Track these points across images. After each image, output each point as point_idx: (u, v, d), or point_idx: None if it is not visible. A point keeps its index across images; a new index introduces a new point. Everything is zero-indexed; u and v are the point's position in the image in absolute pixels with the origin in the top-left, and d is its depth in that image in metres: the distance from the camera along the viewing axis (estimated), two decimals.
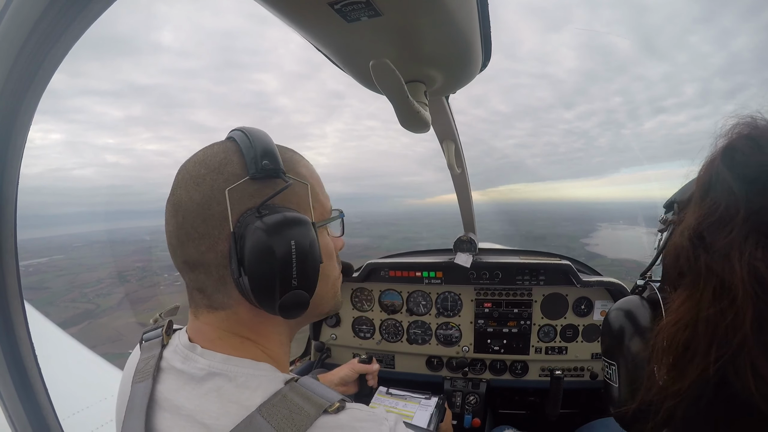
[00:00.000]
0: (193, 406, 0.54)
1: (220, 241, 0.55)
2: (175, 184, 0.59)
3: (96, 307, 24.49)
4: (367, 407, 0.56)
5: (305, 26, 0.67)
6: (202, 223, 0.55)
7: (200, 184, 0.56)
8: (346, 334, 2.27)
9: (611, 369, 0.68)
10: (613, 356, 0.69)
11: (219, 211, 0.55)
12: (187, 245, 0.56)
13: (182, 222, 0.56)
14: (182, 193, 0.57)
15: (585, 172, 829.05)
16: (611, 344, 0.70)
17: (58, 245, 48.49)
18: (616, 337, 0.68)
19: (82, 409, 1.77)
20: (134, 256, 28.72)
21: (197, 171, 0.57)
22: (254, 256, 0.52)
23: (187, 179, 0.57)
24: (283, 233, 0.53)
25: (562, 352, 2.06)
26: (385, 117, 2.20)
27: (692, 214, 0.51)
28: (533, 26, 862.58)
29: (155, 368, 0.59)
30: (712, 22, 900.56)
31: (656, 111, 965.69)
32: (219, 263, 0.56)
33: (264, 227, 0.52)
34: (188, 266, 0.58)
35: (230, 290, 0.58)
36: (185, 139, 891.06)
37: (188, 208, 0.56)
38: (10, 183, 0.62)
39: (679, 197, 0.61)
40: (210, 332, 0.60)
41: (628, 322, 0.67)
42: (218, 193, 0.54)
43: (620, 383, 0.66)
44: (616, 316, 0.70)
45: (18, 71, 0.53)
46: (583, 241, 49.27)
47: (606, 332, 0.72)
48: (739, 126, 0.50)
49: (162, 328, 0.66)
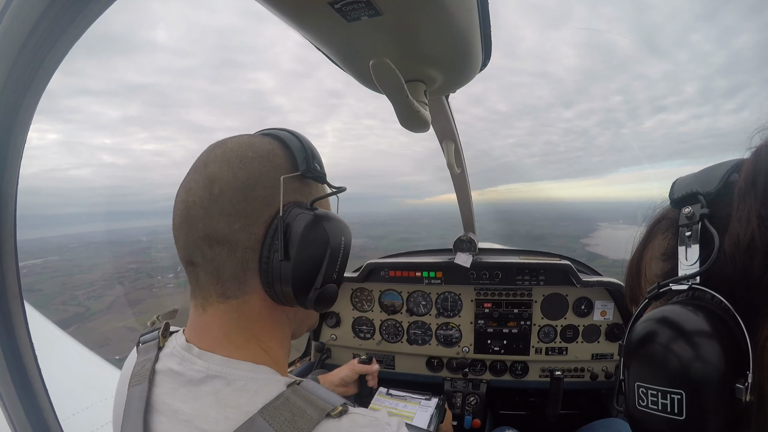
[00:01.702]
0: (191, 411, 0.53)
1: (257, 225, 0.56)
2: (207, 158, 0.58)
3: (86, 310, 24.09)
4: (370, 411, 0.55)
5: (305, 25, 0.67)
6: (242, 202, 0.55)
7: (247, 165, 0.56)
8: (346, 335, 2.27)
9: (669, 398, 0.49)
10: (677, 383, 0.49)
11: (263, 195, 0.56)
12: (218, 218, 0.55)
13: (218, 195, 0.55)
14: (222, 167, 0.56)
15: (584, 172, 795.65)
16: (673, 368, 0.50)
17: (54, 246, 48.27)
18: (683, 359, 0.49)
19: (82, 409, 1.77)
20: (129, 257, 28.41)
21: (243, 152, 0.57)
22: (306, 243, 0.55)
23: (231, 157, 0.57)
24: (337, 229, 0.59)
25: (563, 352, 2.06)
26: (384, 116, 2.19)
27: (752, 202, 0.44)
28: (533, 23, 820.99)
29: (151, 371, 0.59)
30: (715, 19, 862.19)
31: (656, 110, 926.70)
32: (248, 245, 0.56)
33: (321, 219, 0.57)
34: (210, 241, 0.55)
35: (248, 277, 0.57)
36: (182, 139, 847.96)
37: (229, 183, 0.55)
38: (9, 184, 0.62)
39: (700, 188, 0.53)
40: (217, 328, 0.59)
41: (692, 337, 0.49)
42: (265, 178, 0.56)
43: (690, 416, 0.48)
44: (668, 333, 0.50)
45: (18, 71, 0.53)
46: (583, 241, 49.23)
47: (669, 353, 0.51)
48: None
49: (159, 330, 0.65)
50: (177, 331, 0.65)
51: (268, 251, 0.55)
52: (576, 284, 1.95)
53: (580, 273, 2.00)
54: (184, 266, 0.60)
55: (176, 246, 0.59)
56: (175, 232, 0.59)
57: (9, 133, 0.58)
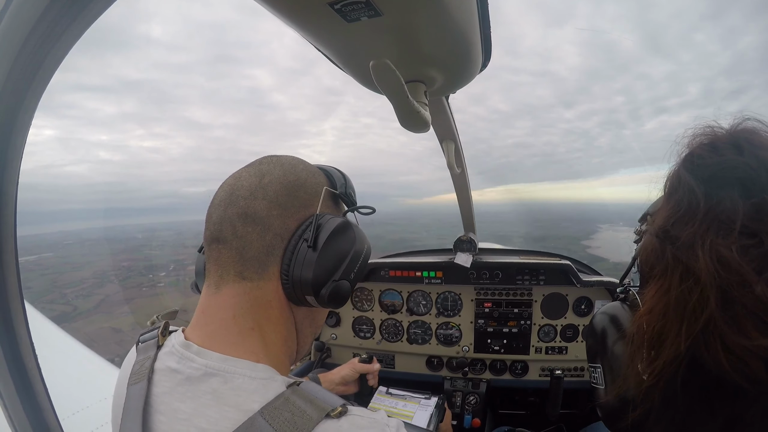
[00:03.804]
0: (190, 410, 0.53)
1: (292, 219, 0.62)
2: (262, 160, 0.67)
3: (72, 310, 23.42)
4: (369, 412, 0.55)
5: (305, 26, 0.67)
6: (285, 196, 0.62)
7: (295, 173, 0.65)
8: (347, 334, 2.27)
9: (597, 372, 0.72)
10: (598, 359, 0.72)
11: (304, 198, 0.64)
12: (260, 201, 0.61)
13: (266, 184, 0.62)
14: (275, 168, 0.64)
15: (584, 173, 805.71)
16: (595, 348, 0.73)
17: (50, 242, 47.96)
18: (600, 341, 0.72)
19: (82, 409, 1.76)
20: (122, 254, 27.95)
21: (295, 163, 0.67)
22: (334, 238, 0.62)
23: (284, 162, 0.66)
24: (362, 237, 0.68)
25: (563, 352, 2.06)
26: (383, 114, 2.19)
27: (659, 217, 0.57)
28: (535, 20, 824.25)
29: (150, 370, 0.59)
30: (720, 19, 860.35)
31: (658, 111, 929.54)
32: (278, 232, 0.61)
33: (351, 224, 0.67)
34: (245, 218, 0.60)
35: (270, 262, 0.61)
36: (179, 137, 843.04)
37: (278, 179, 0.63)
38: (10, 183, 0.62)
39: (651, 210, 0.66)
40: (226, 309, 0.60)
41: (612, 325, 0.70)
42: (309, 186, 0.65)
43: (606, 385, 0.68)
44: (599, 321, 0.74)
45: (18, 71, 0.53)
46: (584, 243, 49.11)
47: (590, 337, 0.76)
48: (699, 136, 0.58)
49: (158, 329, 0.65)
50: (176, 330, 0.65)
51: (296, 241, 0.61)
52: (576, 284, 1.95)
53: (580, 273, 2.00)
54: (206, 246, 0.63)
55: (207, 224, 0.63)
56: (211, 210, 0.63)
57: (9, 132, 0.58)
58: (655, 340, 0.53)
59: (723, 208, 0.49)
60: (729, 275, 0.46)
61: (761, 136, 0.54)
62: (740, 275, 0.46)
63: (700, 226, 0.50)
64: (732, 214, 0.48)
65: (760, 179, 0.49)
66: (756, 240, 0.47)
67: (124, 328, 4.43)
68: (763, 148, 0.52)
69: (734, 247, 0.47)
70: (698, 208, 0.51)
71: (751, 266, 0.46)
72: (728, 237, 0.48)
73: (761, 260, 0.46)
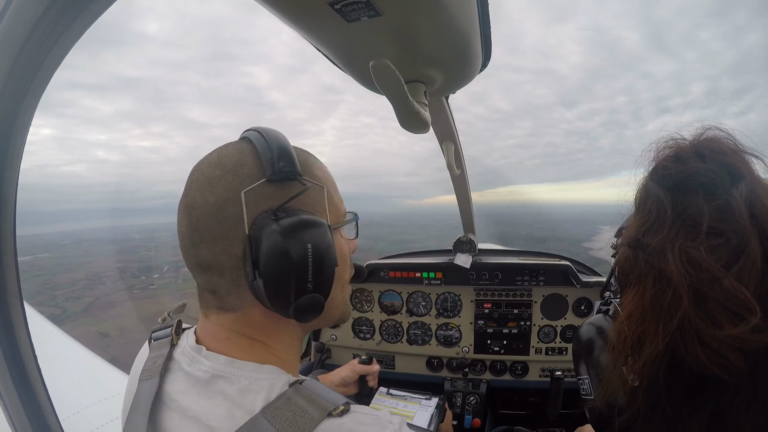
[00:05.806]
0: (199, 408, 0.54)
1: (235, 243, 0.54)
2: (188, 185, 0.58)
3: (61, 312, 22.99)
4: (372, 410, 0.55)
5: (305, 26, 0.67)
6: (217, 225, 0.54)
7: (215, 185, 0.55)
8: (346, 335, 2.27)
9: (585, 384, 0.73)
10: (586, 371, 0.74)
11: (234, 213, 0.54)
12: (201, 247, 0.55)
13: (196, 223, 0.55)
14: (196, 194, 0.56)
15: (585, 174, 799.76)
16: (582, 360, 0.75)
17: (47, 243, 47.49)
18: (586, 352, 0.73)
19: (82, 409, 1.76)
20: (117, 255, 27.50)
21: (212, 172, 0.56)
22: (270, 258, 0.52)
23: (201, 180, 0.56)
24: (300, 236, 0.53)
25: (563, 352, 2.06)
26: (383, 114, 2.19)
27: (632, 228, 0.60)
28: (537, 17, 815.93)
29: (163, 367, 0.59)
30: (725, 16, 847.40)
31: (661, 111, 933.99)
32: (233, 265, 0.55)
33: (280, 230, 0.52)
34: (201, 268, 0.57)
35: (243, 292, 0.57)
36: (177, 136, 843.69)
37: (202, 209, 0.55)
38: (9, 183, 0.62)
39: (625, 224, 0.68)
40: (219, 332, 0.60)
41: (598, 336, 0.72)
42: (233, 195, 0.54)
43: (595, 395, 0.70)
44: (585, 332, 0.75)
45: (18, 71, 0.53)
46: (586, 245, 49.11)
47: (576, 350, 0.78)
48: (663, 149, 0.61)
49: (171, 327, 0.66)
50: (189, 329, 0.66)
51: (250, 268, 0.54)
52: (576, 285, 1.95)
53: (580, 273, 2.00)
54: None
55: None
56: None
57: (9, 132, 0.58)
58: (635, 343, 0.55)
59: (689, 213, 0.52)
60: (699, 274, 0.49)
61: (723, 143, 0.57)
62: (710, 273, 0.48)
63: (669, 232, 0.53)
64: (698, 218, 0.51)
65: (723, 182, 0.52)
66: (723, 239, 0.50)
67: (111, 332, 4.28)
68: (725, 154, 0.55)
69: (702, 247, 0.50)
70: (666, 216, 0.54)
71: (721, 263, 0.49)
72: (696, 239, 0.51)
73: (729, 256, 0.49)
